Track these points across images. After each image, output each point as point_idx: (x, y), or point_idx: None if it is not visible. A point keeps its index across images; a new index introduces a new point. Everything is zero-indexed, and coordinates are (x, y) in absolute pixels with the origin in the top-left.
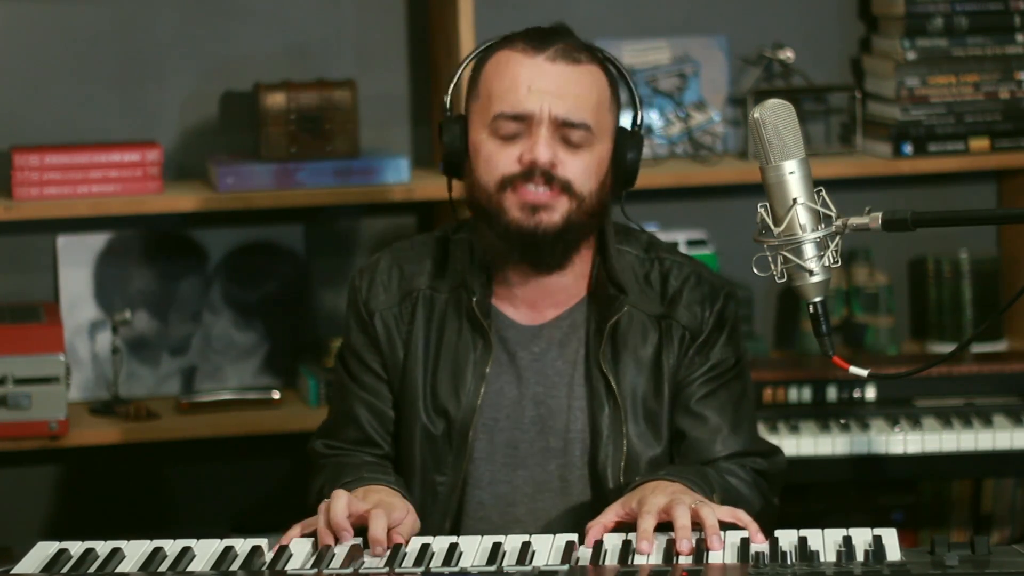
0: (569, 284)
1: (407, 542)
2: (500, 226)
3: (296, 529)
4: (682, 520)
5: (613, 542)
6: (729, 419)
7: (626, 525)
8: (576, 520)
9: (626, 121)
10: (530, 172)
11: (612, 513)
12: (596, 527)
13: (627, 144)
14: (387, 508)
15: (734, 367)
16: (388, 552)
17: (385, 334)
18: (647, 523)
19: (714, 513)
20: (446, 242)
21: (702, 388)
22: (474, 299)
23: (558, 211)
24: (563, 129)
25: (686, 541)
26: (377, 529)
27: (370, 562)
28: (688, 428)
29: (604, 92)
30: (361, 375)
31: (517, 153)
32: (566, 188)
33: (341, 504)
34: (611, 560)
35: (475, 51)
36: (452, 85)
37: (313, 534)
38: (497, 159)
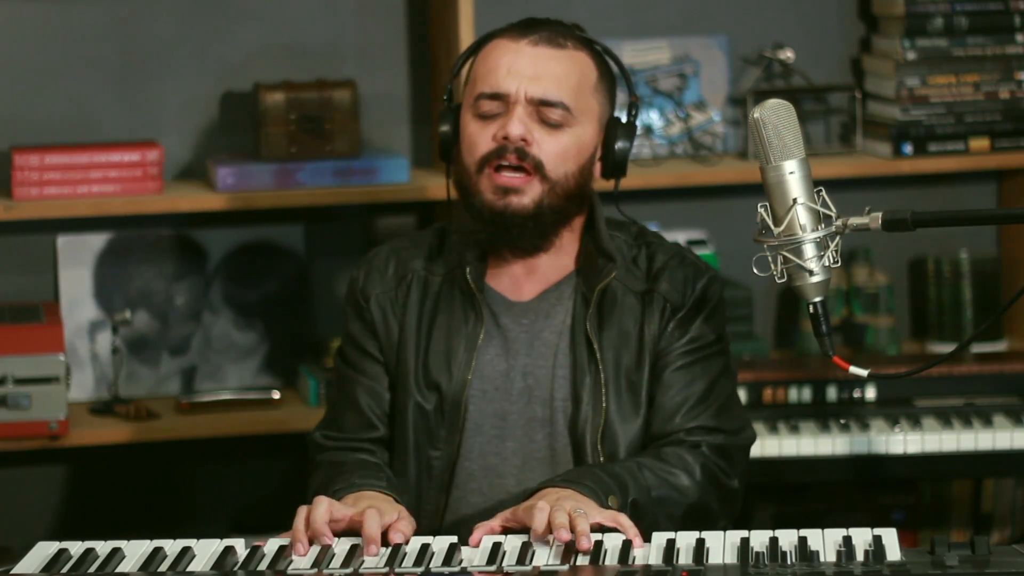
0: (556, 261)
1: (407, 541)
2: (475, 208)
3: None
4: (559, 519)
5: (614, 542)
6: (697, 393)
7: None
8: None
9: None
10: (503, 148)
11: (500, 518)
12: (482, 528)
13: (617, 132)
14: (378, 511)
15: (713, 344)
16: (387, 551)
17: (381, 317)
18: (539, 520)
19: (587, 520)
20: (444, 231)
21: (677, 360)
22: (467, 272)
23: (528, 195)
24: (540, 109)
25: (563, 531)
26: (372, 528)
27: (370, 562)
28: (656, 396)
29: (588, 76)
30: (360, 362)
31: (494, 131)
32: (538, 168)
33: (322, 509)
34: (611, 560)
35: (475, 42)
36: (452, 76)
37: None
38: (477, 138)
